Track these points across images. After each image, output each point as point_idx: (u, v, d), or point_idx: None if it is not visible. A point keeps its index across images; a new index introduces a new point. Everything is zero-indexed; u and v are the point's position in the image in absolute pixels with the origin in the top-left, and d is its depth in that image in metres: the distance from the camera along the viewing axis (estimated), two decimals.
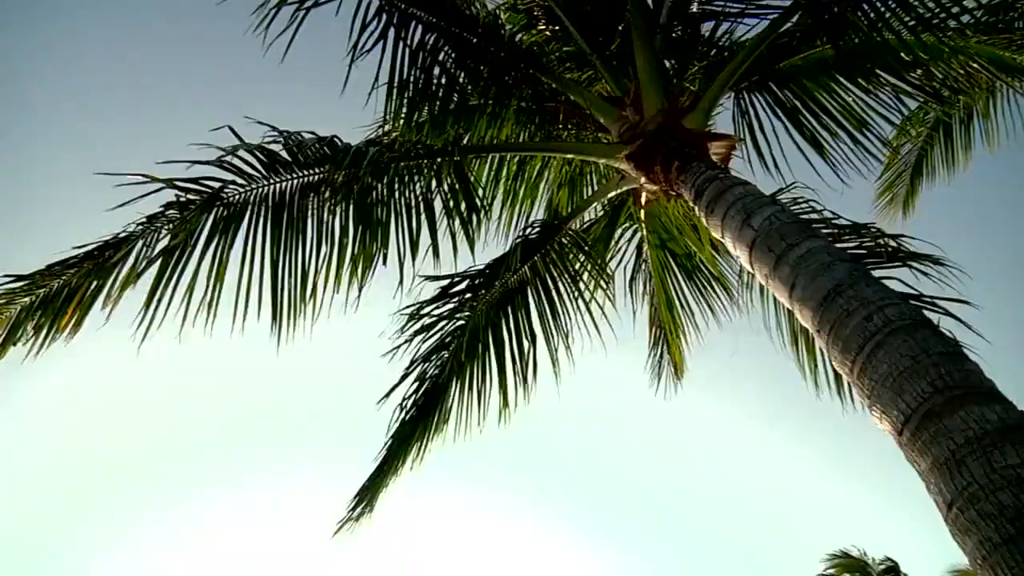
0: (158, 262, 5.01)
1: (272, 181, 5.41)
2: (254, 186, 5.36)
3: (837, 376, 6.20)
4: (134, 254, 4.99)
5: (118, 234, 4.99)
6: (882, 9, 5.22)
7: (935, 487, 2.82)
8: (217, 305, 5.13)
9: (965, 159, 8.11)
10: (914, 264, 5.31)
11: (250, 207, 5.36)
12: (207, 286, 5.12)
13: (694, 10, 6.76)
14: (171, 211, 5.10)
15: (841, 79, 6.40)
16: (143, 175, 4.99)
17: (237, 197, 5.32)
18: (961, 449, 2.75)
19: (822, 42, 5.98)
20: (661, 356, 8.16)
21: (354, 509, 6.21)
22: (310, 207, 5.46)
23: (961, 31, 5.91)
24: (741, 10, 6.65)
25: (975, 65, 6.24)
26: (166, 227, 5.08)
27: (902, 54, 5.90)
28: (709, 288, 7.60)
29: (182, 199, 5.10)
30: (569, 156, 6.99)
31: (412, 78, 5.80)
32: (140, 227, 5.02)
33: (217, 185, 5.17)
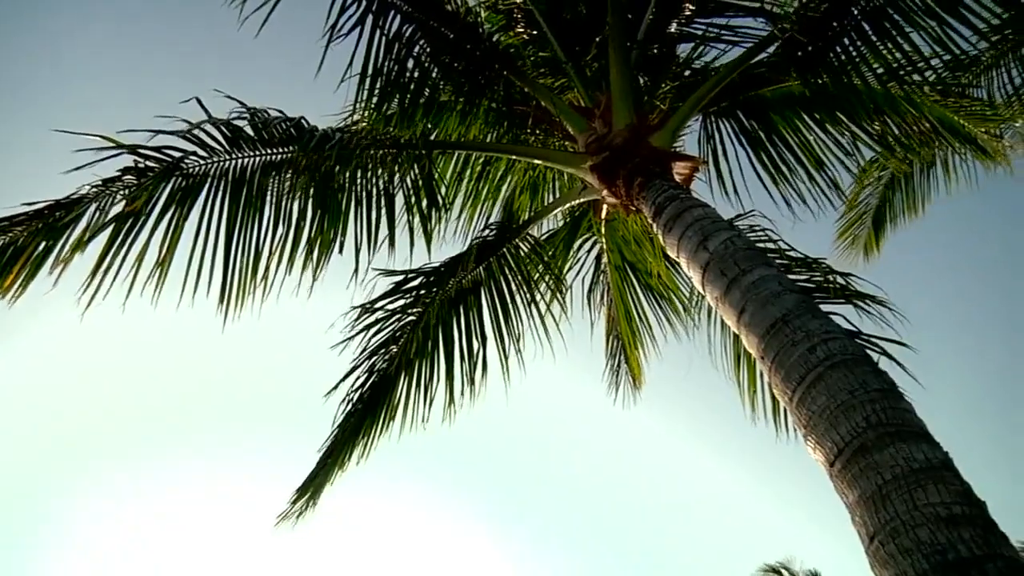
0: (110, 228, 4.91)
1: (234, 156, 5.35)
2: (215, 160, 5.29)
3: (775, 402, 6.33)
4: (86, 217, 4.89)
5: (71, 195, 4.89)
6: (854, 53, 5.32)
7: (860, 519, 2.90)
8: (166, 277, 5.06)
9: (923, 207, 8.32)
10: (859, 303, 5.47)
11: (209, 180, 5.29)
12: (158, 256, 5.05)
13: (672, 30, 6.85)
14: (128, 177, 5.01)
15: (805, 116, 6.54)
16: (104, 137, 4.91)
17: (197, 169, 5.25)
18: (887, 485, 2.84)
19: (792, 77, 6.09)
20: (619, 366, 8.24)
21: (296, 501, 6.15)
22: (270, 186, 5.41)
23: (921, 87, 6.07)
24: (718, 35, 6.76)
25: (926, 124, 6.40)
26: (121, 192, 4.99)
27: (864, 99, 6.03)
28: (665, 303, 7.69)
29: (141, 166, 5.02)
30: (534, 161, 7.03)
31: (386, 68, 5.79)
32: (95, 190, 4.92)
33: (178, 155, 5.10)
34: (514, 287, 6.57)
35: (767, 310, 3.84)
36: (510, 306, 6.53)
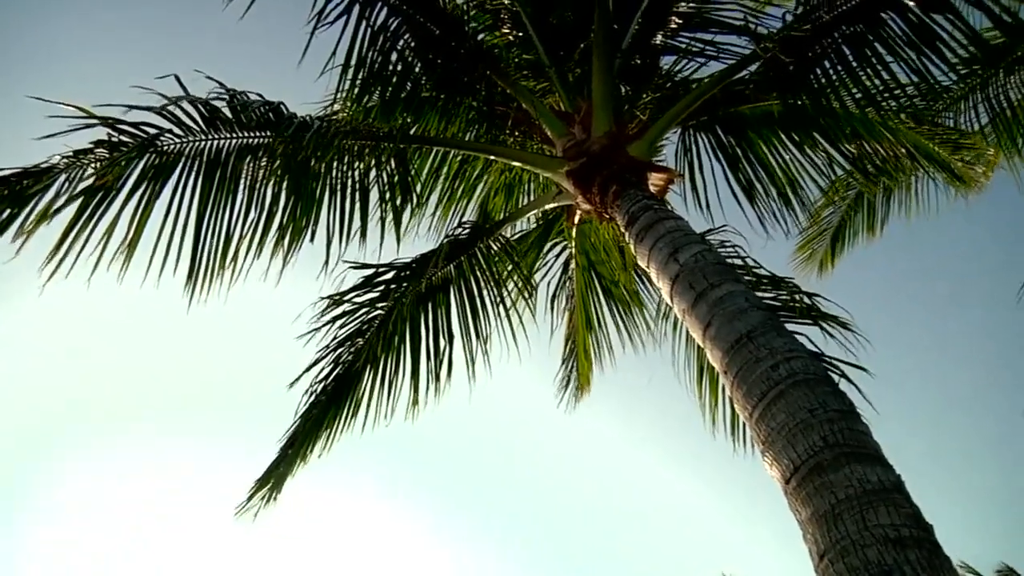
0: (79, 200, 4.84)
1: (211, 137, 5.31)
2: (191, 139, 5.24)
3: (734, 416, 6.39)
4: (55, 187, 4.81)
5: (41, 164, 4.82)
6: (834, 76, 5.39)
7: (811, 536, 2.95)
8: (133, 255, 5.00)
9: (881, 229, 8.45)
10: (823, 324, 5.55)
11: (184, 159, 5.24)
12: (127, 234, 4.99)
13: (657, 41, 6.88)
14: (101, 150, 4.94)
15: (783, 136, 6.62)
16: (78, 108, 4.85)
17: (172, 147, 5.20)
18: (840, 504, 2.88)
19: (772, 96, 6.15)
20: (571, 372, 8.26)
21: (256, 492, 6.07)
22: (245, 170, 5.37)
23: (897, 113, 6.17)
24: (701, 50, 6.81)
25: (902, 149, 6.50)
26: (93, 165, 4.92)
27: (842, 121, 6.12)
28: (628, 313, 7.73)
29: (114, 140, 4.96)
30: (512, 163, 7.04)
31: (369, 59, 5.76)
32: (65, 161, 4.85)
33: (154, 132, 5.05)
34: (483, 287, 6.56)
35: (733, 325, 3.88)
36: (479, 306, 6.52)
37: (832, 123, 6.10)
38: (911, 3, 4.90)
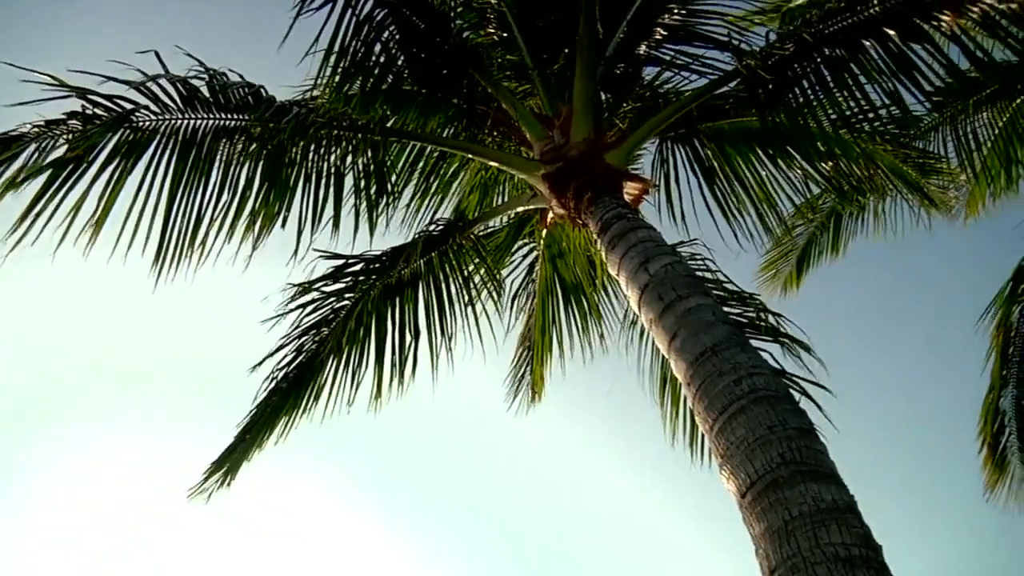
0: (48, 172, 4.78)
1: (187, 116, 5.26)
2: (167, 117, 5.19)
3: (694, 428, 6.44)
4: (23, 157, 4.74)
5: (10, 131, 4.74)
6: (812, 97, 5.45)
7: (763, 551, 2.98)
8: (101, 229, 4.94)
9: (844, 249, 8.58)
10: (786, 343, 5.63)
11: (159, 137, 5.19)
12: (96, 208, 4.93)
13: (641, 52, 6.91)
14: (74, 122, 4.88)
15: (760, 153, 6.67)
16: (53, 77, 4.78)
17: (147, 124, 5.15)
18: (794, 521, 2.92)
19: (751, 113, 6.20)
20: (523, 375, 8.26)
21: (211, 476, 6.02)
22: (220, 152, 5.34)
23: (872, 136, 6.26)
24: (685, 63, 6.86)
25: (878, 170, 6.60)
26: (65, 136, 4.85)
27: (819, 144, 6.19)
28: (587, 321, 7.74)
29: (88, 112, 4.89)
30: (488, 162, 7.03)
31: (352, 48, 5.72)
32: (36, 130, 4.78)
33: (129, 107, 4.99)
34: (452, 284, 6.56)
35: (699, 338, 3.91)
36: (446, 303, 6.52)
37: (809, 142, 6.17)
38: (891, 32, 4.96)
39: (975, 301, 7.80)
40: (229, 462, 6.06)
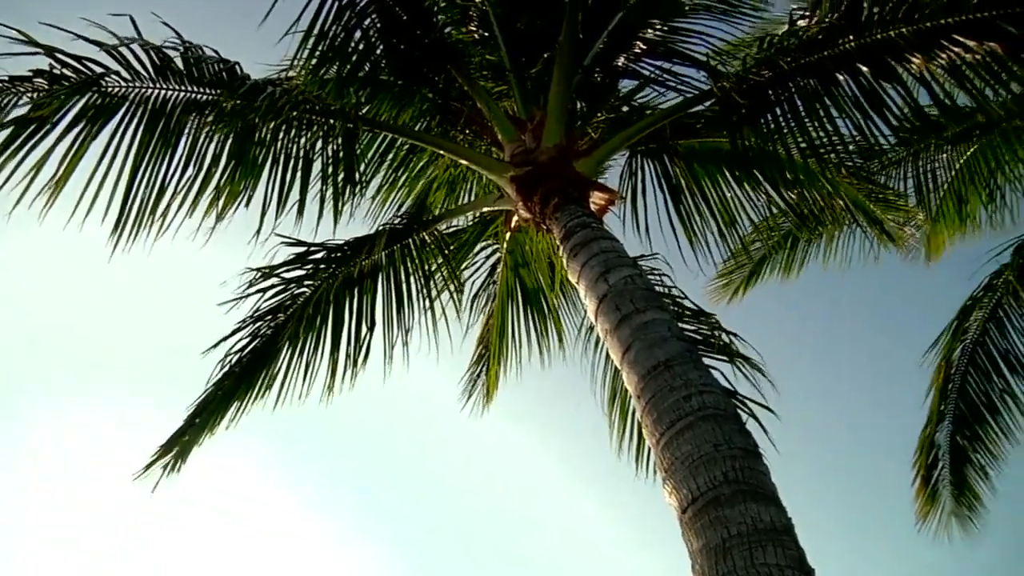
0: (9, 129, 4.69)
1: (158, 86, 5.19)
2: (138, 85, 5.12)
3: (640, 441, 6.50)
4: None
5: None
6: (783, 124, 5.54)
7: (700, 568, 3.02)
8: (59, 193, 4.86)
9: (798, 271, 8.70)
10: (738, 363, 5.70)
11: (127, 104, 5.12)
12: (56, 170, 4.84)
13: (619, 63, 6.96)
14: (40, 80, 4.80)
15: (727, 174, 6.76)
16: (20, 32, 4.69)
17: (116, 90, 5.07)
18: (732, 539, 2.97)
19: (722, 135, 6.26)
20: (478, 376, 8.26)
21: (159, 459, 5.91)
22: (189, 125, 5.27)
23: (838, 168, 6.37)
24: (661, 79, 6.92)
25: (840, 201, 6.71)
26: (29, 95, 4.76)
27: (787, 171, 6.29)
28: (545, 326, 7.77)
29: (56, 72, 4.80)
30: (458, 160, 7.02)
31: (332, 33, 5.67)
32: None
33: (99, 71, 4.91)
34: (412, 279, 6.54)
35: (652, 352, 3.95)
36: (405, 297, 6.50)
37: (776, 168, 6.25)
38: (865, 69, 5.07)
39: (926, 334, 7.97)
40: (179, 445, 5.96)
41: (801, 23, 5.37)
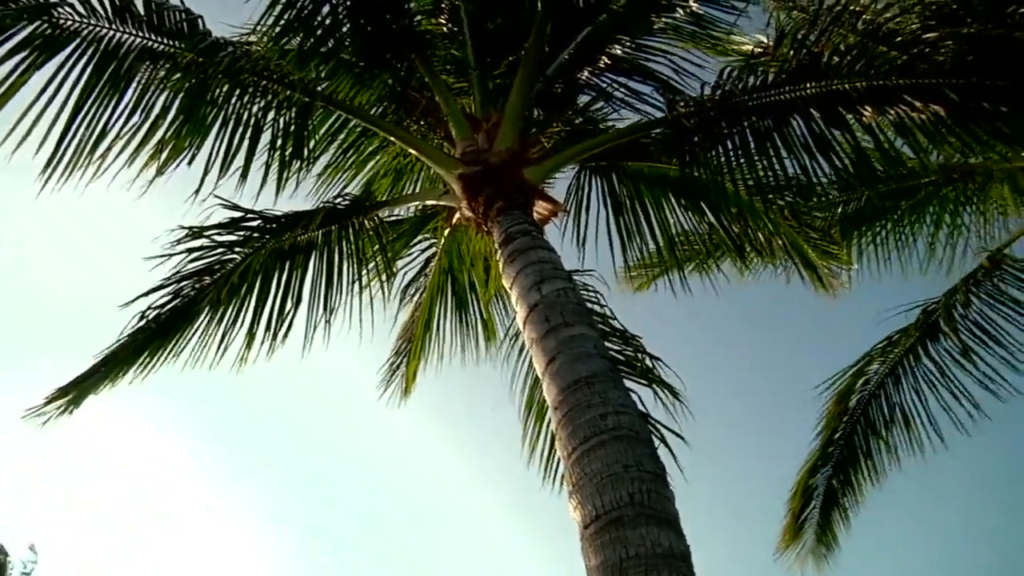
0: None
1: (114, 28, 5.06)
2: (93, 23, 4.99)
3: (551, 452, 6.53)
4: None
5: None
6: (733, 160, 5.65)
7: None
8: None
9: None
10: (658, 388, 5.79)
11: (78, 40, 4.98)
12: None
13: (582, 77, 7.02)
14: None
15: (673, 200, 6.86)
16: None
17: (69, 24, 4.94)
18: (629, 560, 3.01)
19: (672, 161, 6.35)
20: (398, 367, 8.21)
21: (54, 400, 5.71)
22: (141, 73, 5.14)
23: (780, 210, 6.52)
24: (622, 99, 7.00)
25: (779, 241, 6.88)
26: None
27: (731, 206, 6.41)
28: (471, 327, 7.77)
29: None
30: (409, 150, 6.98)
31: (299, 3, 5.61)
32: None
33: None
34: (346, 263, 6.48)
35: (575, 367, 3.99)
36: (335, 278, 6.43)
37: (722, 201, 6.38)
38: (818, 114, 5.23)
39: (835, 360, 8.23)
40: (76, 390, 5.78)
41: (764, 58, 5.52)
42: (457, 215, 6.57)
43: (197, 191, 5.46)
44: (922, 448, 7.72)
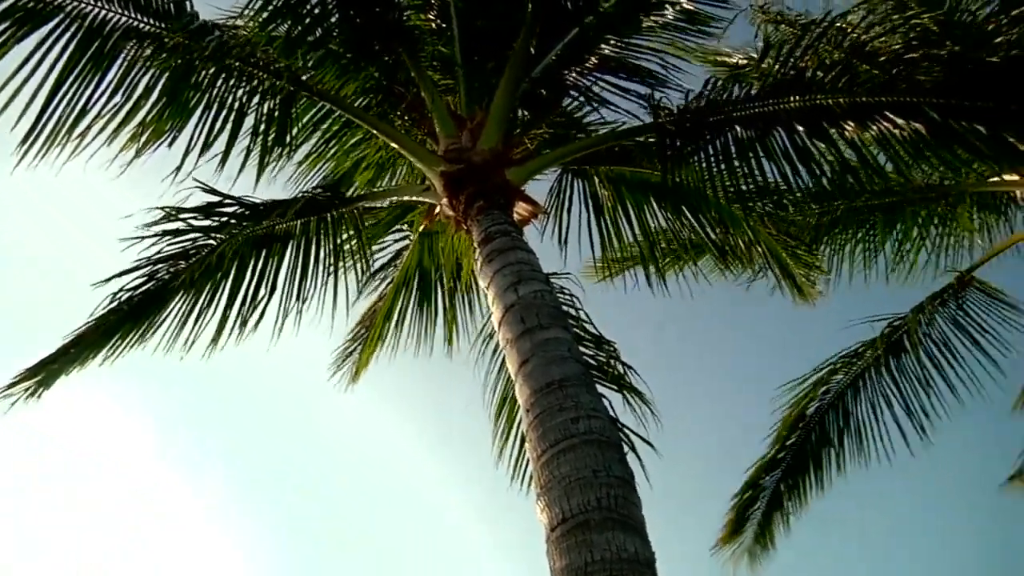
0: None
1: (99, 5, 5.01)
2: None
3: (521, 453, 6.54)
4: None
5: None
6: (714, 166, 5.69)
7: None
8: None
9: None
10: (629, 395, 5.82)
11: (62, 16, 4.94)
12: None
13: (568, 80, 7.03)
14: None
15: (654, 204, 6.90)
16: None
17: None
18: (594, 564, 3.02)
19: (654, 166, 6.37)
20: (352, 352, 8.18)
21: (22, 381, 5.60)
22: (126, 53, 5.10)
23: (760, 217, 6.58)
24: (607, 103, 7.03)
25: (758, 248, 6.94)
26: None
27: (712, 211, 6.46)
28: (434, 322, 7.75)
29: None
30: (391, 144, 6.95)
31: None
32: None
33: None
34: (322, 252, 6.44)
35: (549, 369, 4.00)
36: (311, 268, 6.40)
37: (704, 206, 6.43)
38: (801, 128, 5.29)
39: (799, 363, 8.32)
40: (45, 372, 5.70)
41: (748, 70, 5.57)
42: (437, 211, 6.55)
43: (176, 171, 5.42)
44: (870, 463, 7.89)
